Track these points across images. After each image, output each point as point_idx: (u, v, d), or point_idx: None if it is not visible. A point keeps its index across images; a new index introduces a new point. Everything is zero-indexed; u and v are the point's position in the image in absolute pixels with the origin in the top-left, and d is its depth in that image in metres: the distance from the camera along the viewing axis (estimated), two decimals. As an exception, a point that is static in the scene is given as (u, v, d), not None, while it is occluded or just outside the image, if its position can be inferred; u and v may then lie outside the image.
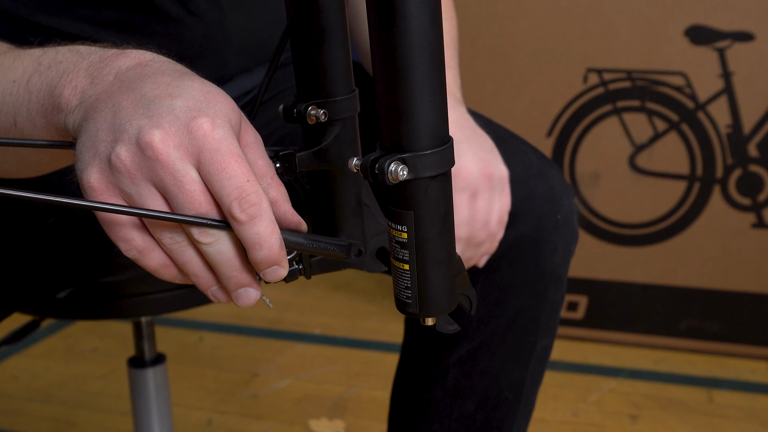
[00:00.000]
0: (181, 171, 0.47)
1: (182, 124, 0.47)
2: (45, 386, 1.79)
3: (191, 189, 0.47)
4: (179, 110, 0.48)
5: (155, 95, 0.48)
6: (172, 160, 0.47)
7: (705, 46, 1.68)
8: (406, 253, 0.50)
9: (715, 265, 1.78)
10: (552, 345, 0.88)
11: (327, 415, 1.64)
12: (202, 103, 0.48)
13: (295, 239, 0.53)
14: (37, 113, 0.54)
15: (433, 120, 0.47)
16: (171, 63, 0.52)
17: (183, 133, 0.47)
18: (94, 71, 0.51)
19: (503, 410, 0.86)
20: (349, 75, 0.57)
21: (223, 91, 0.51)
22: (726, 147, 1.73)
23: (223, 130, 0.48)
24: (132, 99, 0.48)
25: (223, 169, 0.47)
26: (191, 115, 0.47)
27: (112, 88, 0.50)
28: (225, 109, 0.49)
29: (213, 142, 0.47)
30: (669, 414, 1.63)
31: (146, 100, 0.48)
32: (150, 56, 0.52)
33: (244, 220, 0.48)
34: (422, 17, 0.46)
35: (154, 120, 0.47)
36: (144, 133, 0.47)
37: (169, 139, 0.47)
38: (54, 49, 0.55)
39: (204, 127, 0.47)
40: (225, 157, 0.47)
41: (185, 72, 0.51)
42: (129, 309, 0.92)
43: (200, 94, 0.49)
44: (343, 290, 2.21)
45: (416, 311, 0.52)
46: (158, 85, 0.49)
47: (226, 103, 0.50)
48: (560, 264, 0.83)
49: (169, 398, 1.13)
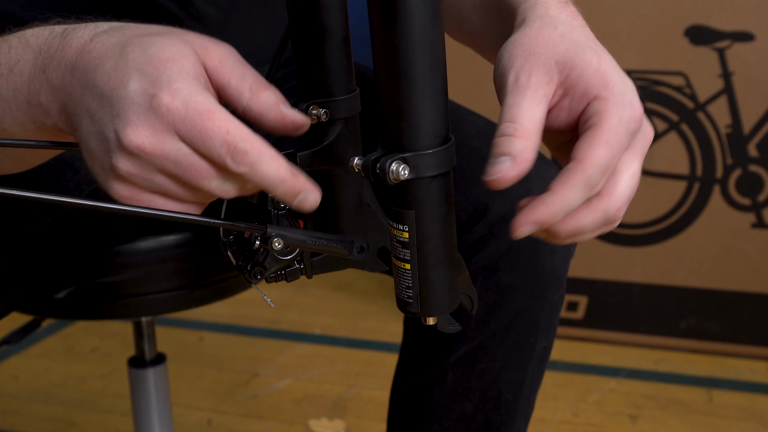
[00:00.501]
0: (172, 151, 0.47)
1: (146, 109, 0.47)
2: (45, 386, 1.79)
3: (189, 162, 0.48)
4: (137, 96, 0.47)
5: (110, 87, 0.48)
6: (157, 147, 0.47)
7: (705, 46, 1.68)
8: (407, 253, 0.50)
9: (715, 265, 1.78)
10: (551, 346, 0.88)
11: (327, 415, 1.64)
12: (153, 74, 0.48)
13: (296, 236, 0.53)
14: (25, 120, 0.54)
15: (435, 119, 0.47)
16: (109, 35, 0.51)
17: (151, 117, 0.47)
18: (50, 71, 0.51)
19: (502, 411, 0.86)
20: (350, 74, 0.57)
21: (164, 28, 0.51)
22: (726, 147, 1.73)
23: (182, 94, 0.47)
24: (95, 98, 0.49)
25: (200, 132, 0.47)
26: (149, 96, 0.47)
27: (73, 88, 0.50)
28: (176, 65, 0.48)
29: (178, 112, 0.47)
30: (669, 414, 1.63)
31: (106, 97, 0.48)
32: (88, 34, 0.51)
33: (245, 171, 0.48)
34: (424, 16, 0.46)
35: (122, 118, 0.47)
36: (122, 137, 0.47)
37: (143, 131, 0.47)
38: (5, 44, 0.55)
39: (164, 102, 0.47)
40: (196, 121, 0.47)
41: (124, 41, 0.50)
42: (129, 309, 0.92)
43: (147, 65, 0.48)
44: (343, 290, 2.21)
45: (417, 311, 0.52)
46: (107, 74, 0.48)
47: (172, 51, 0.49)
48: (560, 265, 0.83)
49: (169, 398, 1.13)
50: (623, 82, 0.51)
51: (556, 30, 0.53)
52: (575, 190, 0.48)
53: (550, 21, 0.54)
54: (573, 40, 0.53)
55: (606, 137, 0.49)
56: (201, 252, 0.91)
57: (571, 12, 0.57)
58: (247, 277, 0.56)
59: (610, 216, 0.51)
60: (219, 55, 0.51)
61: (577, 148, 0.49)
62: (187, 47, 0.50)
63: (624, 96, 0.50)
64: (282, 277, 0.58)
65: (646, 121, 0.53)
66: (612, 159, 0.49)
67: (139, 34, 0.50)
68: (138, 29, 0.51)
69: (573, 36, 0.53)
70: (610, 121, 0.49)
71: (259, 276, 0.56)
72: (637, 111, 0.51)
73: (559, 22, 0.54)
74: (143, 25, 0.52)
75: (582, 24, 0.57)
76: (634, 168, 0.52)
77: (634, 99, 0.51)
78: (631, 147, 0.51)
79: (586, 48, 0.52)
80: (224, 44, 0.52)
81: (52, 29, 0.53)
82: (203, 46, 0.50)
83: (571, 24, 0.55)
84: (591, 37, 0.55)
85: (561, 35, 0.53)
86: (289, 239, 0.53)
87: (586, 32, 0.55)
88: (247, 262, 0.57)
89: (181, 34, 0.51)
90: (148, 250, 0.88)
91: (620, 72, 0.52)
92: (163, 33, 0.51)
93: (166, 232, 0.89)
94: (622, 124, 0.50)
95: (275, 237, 0.52)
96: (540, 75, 0.51)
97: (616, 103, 0.50)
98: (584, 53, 0.52)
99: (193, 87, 0.48)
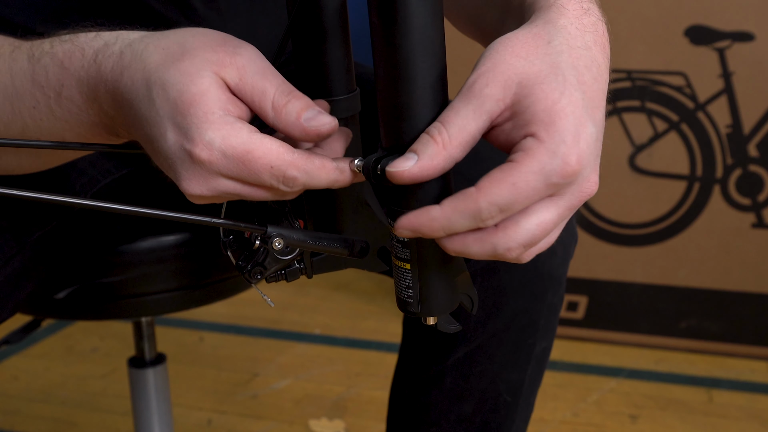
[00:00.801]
0: (228, 188, 0.50)
1: (189, 163, 0.49)
2: (45, 386, 1.79)
3: (246, 192, 0.50)
4: (177, 151, 0.49)
5: (154, 137, 0.50)
6: (213, 190, 0.50)
7: (705, 46, 1.68)
8: (407, 253, 0.51)
9: (715, 265, 1.78)
10: (551, 347, 0.88)
11: (327, 415, 1.64)
12: (183, 125, 0.49)
13: (297, 236, 0.53)
14: (92, 137, 0.57)
15: (434, 119, 0.47)
16: (133, 68, 0.51)
17: (198, 170, 0.49)
18: (101, 100, 0.53)
19: (501, 412, 0.86)
20: (350, 74, 0.57)
21: (179, 44, 0.51)
22: (726, 147, 1.73)
23: (216, 144, 0.48)
24: (147, 144, 0.52)
25: (247, 174, 0.49)
26: (186, 152, 0.49)
27: (125, 119, 0.53)
28: (200, 108, 0.48)
29: (219, 162, 0.48)
30: (669, 414, 1.63)
31: (156, 147, 0.51)
32: (116, 65, 0.52)
33: (300, 189, 0.50)
34: (424, 16, 0.46)
35: (175, 171, 0.50)
36: (181, 187, 0.50)
37: (195, 183, 0.49)
38: (38, 64, 0.56)
39: (203, 158, 0.48)
40: (239, 166, 0.49)
41: (147, 79, 0.50)
42: (129, 309, 0.92)
43: (176, 115, 0.49)
44: (343, 290, 2.21)
45: (418, 310, 0.52)
46: (146, 120, 0.50)
47: (192, 90, 0.49)
48: (559, 266, 0.83)
49: (169, 398, 1.13)
50: (575, 130, 0.46)
51: (549, 45, 0.48)
52: (461, 217, 0.46)
53: (549, 31, 0.49)
54: (550, 63, 0.47)
55: (515, 180, 0.45)
56: (201, 252, 0.91)
57: (587, 24, 0.51)
58: (247, 277, 0.56)
59: (499, 253, 0.47)
60: (238, 71, 0.50)
61: (485, 177, 0.46)
62: (206, 76, 0.49)
63: (559, 146, 0.45)
64: (282, 276, 0.58)
65: (591, 176, 0.48)
66: (514, 203, 0.46)
67: (157, 64, 0.50)
68: (157, 53, 0.51)
69: (557, 58, 0.47)
70: (529, 165, 0.45)
71: (259, 276, 0.56)
72: (569, 166, 0.45)
73: (559, 34, 0.49)
74: (161, 43, 0.52)
75: (590, 43, 0.50)
76: (545, 217, 0.47)
77: (571, 152, 0.45)
78: (556, 196, 0.47)
79: (556, 78, 0.47)
80: (243, 50, 0.51)
81: (82, 51, 0.54)
82: (220, 63, 0.50)
83: (571, 41, 0.49)
84: (587, 63, 0.48)
85: (544, 54, 0.48)
86: (289, 239, 0.53)
87: (586, 55, 0.49)
88: (247, 262, 0.57)
89: (195, 52, 0.50)
90: (148, 250, 0.88)
91: (580, 119, 0.46)
92: (179, 56, 0.50)
93: (166, 232, 0.89)
94: (542, 173, 0.45)
95: (275, 237, 0.53)
96: (495, 89, 0.47)
97: (546, 150, 0.45)
98: (548, 84, 0.46)
99: (224, 129, 0.48)
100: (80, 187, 0.83)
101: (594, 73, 0.48)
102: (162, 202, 0.75)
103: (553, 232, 0.49)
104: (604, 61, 0.50)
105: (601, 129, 0.48)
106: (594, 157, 0.47)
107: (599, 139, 0.48)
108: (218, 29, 0.79)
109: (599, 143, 0.48)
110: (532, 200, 0.46)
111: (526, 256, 0.49)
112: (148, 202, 0.84)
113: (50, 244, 0.80)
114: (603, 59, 0.50)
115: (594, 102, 0.48)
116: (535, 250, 0.49)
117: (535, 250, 0.49)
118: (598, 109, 0.48)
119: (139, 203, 0.52)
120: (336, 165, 0.51)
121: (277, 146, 0.49)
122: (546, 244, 0.49)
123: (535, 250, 0.49)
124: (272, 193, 0.51)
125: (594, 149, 0.47)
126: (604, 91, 0.49)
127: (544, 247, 0.49)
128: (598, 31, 0.51)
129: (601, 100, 0.49)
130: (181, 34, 0.52)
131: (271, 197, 0.51)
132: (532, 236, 0.47)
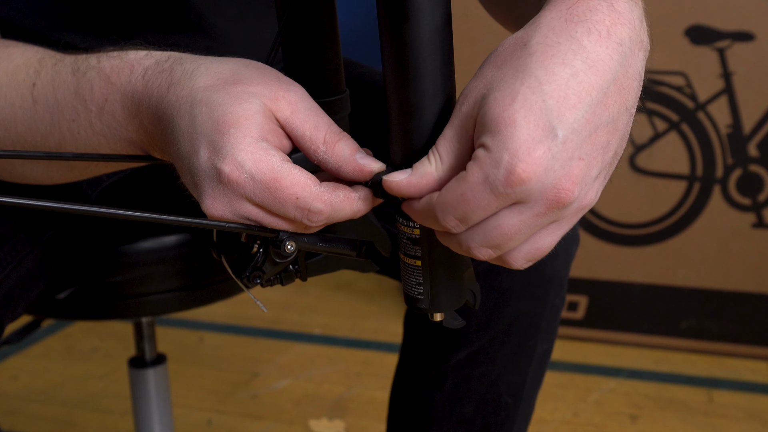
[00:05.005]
0: (251, 214, 0.50)
1: (216, 182, 0.49)
2: (45, 386, 1.79)
3: (269, 221, 0.50)
4: (207, 167, 0.49)
5: (187, 153, 0.50)
6: (236, 213, 0.50)
7: (705, 46, 1.68)
8: (418, 249, 0.51)
9: (715, 265, 1.78)
10: (552, 348, 0.88)
11: (327, 415, 1.64)
12: (218, 143, 0.49)
13: (308, 239, 0.53)
14: (122, 150, 0.57)
15: (444, 118, 0.47)
16: (182, 85, 0.51)
17: (223, 189, 0.49)
18: (142, 115, 0.54)
19: (502, 414, 0.86)
20: (340, 75, 0.57)
21: (234, 73, 0.51)
22: (726, 147, 1.73)
23: (246, 166, 0.48)
24: (178, 160, 0.52)
25: (271, 202, 0.49)
26: (216, 170, 0.49)
27: (161, 135, 0.53)
28: (239, 131, 0.49)
29: (246, 185, 0.48)
30: (669, 414, 1.63)
31: (185, 162, 0.51)
32: (165, 82, 0.52)
33: (324, 223, 0.50)
34: (436, 13, 0.45)
35: (200, 188, 0.50)
36: (203, 206, 0.50)
37: (218, 203, 0.50)
38: (84, 77, 0.56)
39: (232, 178, 0.48)
40: (265, 192, 0.49)
41: (193, 97, 0.50)
42: (129, 309, 0.92)
43: (214, 132, 0.49)
44: (343, 290, 2.21)
45: (428, 307, 0.52)
46: (183, 135, 0.50)
47: (238, 113, 0.49)
48: (560, 268, 0.83)
49: (169, 398, 1.13)
50: (528, 136, 0.42)
51: (524, 48, 0.44)
52: (431, 222, 0.47)
53: (530, 32, 0.45)
54: (515, 67, 0.44)
55: (463, 191, 0.44)
56: (201, 253, 0.91)
57: (579, 12, 0.45)
58: (246, 282, 0.56)
59: (466, 250, 0.47)
60: (290, 106, 0.51)
61: (444, 188, 0.46)
62: (254, 103, 0.50)
63: (503, 155, 0.42)
64: (278, 280, 0.58)
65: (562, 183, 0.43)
66: (468, 212, 0.44)
67: (206, 86, 0.51)
68: (208, 76, 0.51)
69: (526, 60, 0.43)
70: (475, 176, 0.43)
71: (257, 280, 0.56)
72: (514, 176, 0.42)
73: (538, 33, 0.45)
74: (214, 67, 0.52)
75: (579, 34, 0.44)
76: (504, 221, 0.45)
77: (517, 161, 0.42)
78: (520, 204, 0.44)
79: (513, 83, 0.43)
80: (295, 88, 0.52)
81: (131, 67, 0.54)
82: (273, 97, 0.50)
83: (551, 37, 0.44)
84: (565, 59, 0.43)
85: (516, 58, 0.44)
86: (301, 242, 0.53)
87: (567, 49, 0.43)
88: (243, 266, 0.57)
89: (249, 81, 0.51)
90: (148, 251, 0.88)
91: (537, 124, 0.42)
92: (231, 82, 0.51)
93: (166, 232, 0.89)
94: (487, 184, 0.43)
95: (287, 240, 0.52)
96: (468, 106, 0.45)
97: (490, 160, 0.43)
98: (501, 90, 0.43)
99: (257, 154, 0.48)
100: (86, 186, 0.83)
101: (577, 68, 0.43)
102: (168, 202, 0.75)
103: (544, 238, 0.47)
104: (603, 50, 0.44)
105: (584, 128, 0.43)
106: (563, 162, 0.43)
107: (574, 141, 0.43)
108: (226, 35, 0.79)
109: (575, 145, 0.43)
110: (490, 209, 0.44)
111: (514, 260, 0.47)
112: (153, 201, 0.84)
113: (61, 244, 0.80)
114: (601, 48, 0.44)
115: (569, 101, 0.42)
116: (524, 255, 0.47)
117: (524, 255, 0.47)
118: (574, 108, 0.43)
119: (144, 203, 0.53)
120: (358, 195, 0.51)
121: (306, 178, 0.49)
122: (542, 252, 0.47)
123: (524, 255, 0.47)
124: (293, 226, 0.51)
125: (562, 153, 0.43)
126: (598, 85, 0.43)
127: (539, 255, 0.48)
128: (597, 17, 0.45)
129: (585, 95, 0.43)
130: (234, 62, 0.53)
131: (290, 229, 0.51)
132: (489, 238, 0.45)
